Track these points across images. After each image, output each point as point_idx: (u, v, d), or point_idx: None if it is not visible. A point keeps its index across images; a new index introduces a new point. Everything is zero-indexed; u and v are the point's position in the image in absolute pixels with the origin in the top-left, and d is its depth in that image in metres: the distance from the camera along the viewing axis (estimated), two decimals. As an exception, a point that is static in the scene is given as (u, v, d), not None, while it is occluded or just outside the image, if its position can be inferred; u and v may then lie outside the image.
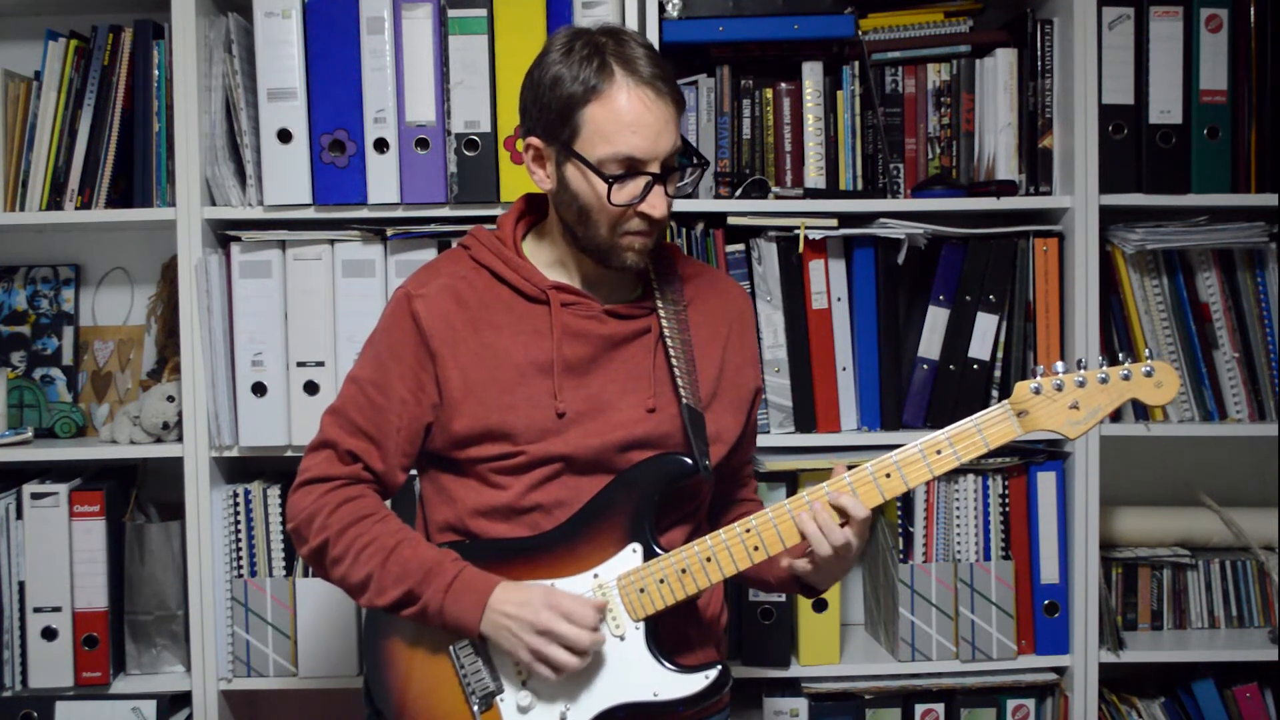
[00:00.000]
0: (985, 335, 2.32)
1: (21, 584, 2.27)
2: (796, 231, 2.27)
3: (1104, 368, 1.60)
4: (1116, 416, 2.34)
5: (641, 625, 1.61)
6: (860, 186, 2.35)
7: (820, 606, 2.31)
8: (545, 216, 1.74)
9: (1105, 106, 2.29)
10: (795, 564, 1.66)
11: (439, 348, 1.65)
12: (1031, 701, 2.35)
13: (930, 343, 2.33)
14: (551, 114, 1.60)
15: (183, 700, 2.31)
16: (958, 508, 2.31)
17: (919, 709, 2.34)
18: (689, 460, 1.63)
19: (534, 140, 1.65)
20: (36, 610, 2.26)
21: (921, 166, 2.36)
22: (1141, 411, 2.36)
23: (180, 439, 2.28)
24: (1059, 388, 1.59)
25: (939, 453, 1.60)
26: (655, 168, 1.58)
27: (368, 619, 1.72)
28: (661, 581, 1.60)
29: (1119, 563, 2.44)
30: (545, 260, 1.71)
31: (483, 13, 2.22)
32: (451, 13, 2.23)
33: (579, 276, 1.69)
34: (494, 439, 1.64)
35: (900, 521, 2.30)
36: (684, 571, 1.60)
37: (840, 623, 2.35)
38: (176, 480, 2.28)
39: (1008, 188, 2.31)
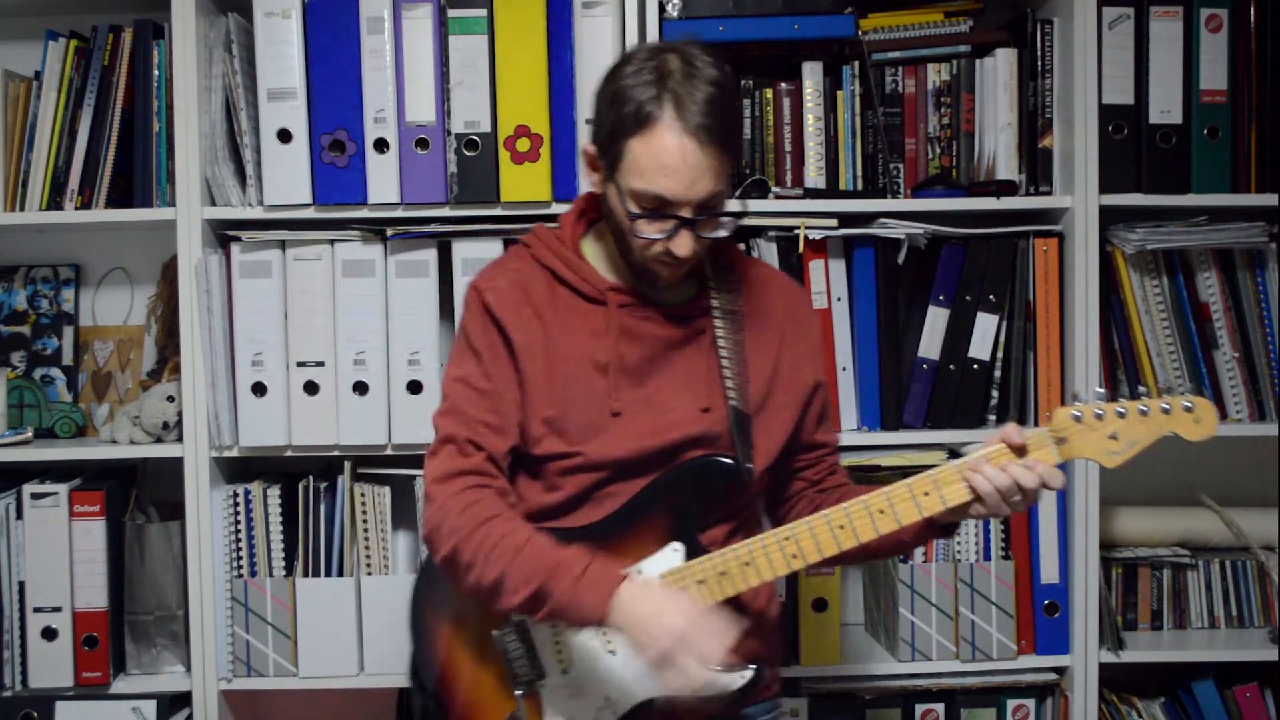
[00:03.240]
0: (985, 335, 2.32)
1: (21, 584, 2.27)
2: (796, 231, 2.27)
3: (1145, 400, 1.61)
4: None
5: None
6: (860, 186, 2.35)
7: (820, 606, 2.31)
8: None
9: (1105, 106, 2.29)
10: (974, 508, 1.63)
11: (512, 334, 1.68)
12: (1031, 701, 2.35)
13: (930, 343, 2.33)
14: (605, 132, 1.61)
15: (183, 700, 2.31)
16: (958, 508, 2.30)
17: (919, 709, 2.34)
18: (731, 462, 1.66)
19: (590, 149, 1.67)
20: (36, 610, 2.26)
21: (921, 166, 2.36)
22: (1141, 411, 2.36)
23: (180, 439, 2.28)
24: (1099, 417, 1.60)
25: (975, 472, 1.61)
26: (686, 212, 1.58)
27: (414, 601, 1.75)
28: (701, 582, 1.62)
29: (1119, 563, 2.44)
30: (604, 260, 1.73)
31: (483, 13, 2.22)
32: (451, 13, 2.23)
33: (634, 276, 1.71)
34: (554, 434, 1.67)
35: (900, 521, 2.30)
36: (723, 574, 1.63)
37: (840, 623, 2.35)
38: (176, 480, 2.28)
39: (1008, 188, 2.31)
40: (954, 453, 2.30)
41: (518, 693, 1.65)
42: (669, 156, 1.55)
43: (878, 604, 2.46)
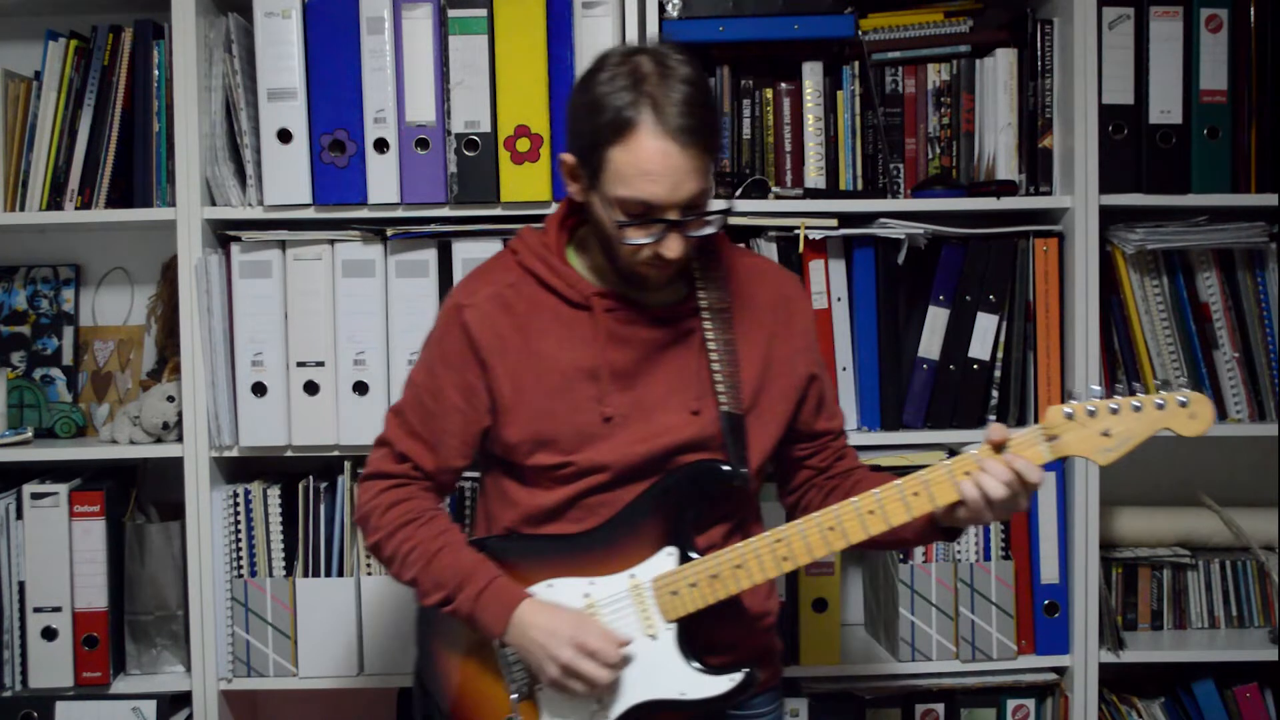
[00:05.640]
0: (985, 335, 2.32)
1: (21, 584, 2.27)
2: (796, 231, 2.27)
3: (1139, 395, 1.59)
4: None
5: (674, 626, 1.64)
6: (860, 186, 2.35)
7: (820, 606, 2.31)
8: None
9: (1105, 106, 2.29)
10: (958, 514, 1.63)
11: (488, 357, 1.68)
12: (1031, 701, 2.35)
13: (930, 343, 2.33)
14: (583, 141, 1.60)
15: (183, 700, 2.31)
16: (958, 508, 2.30)
17: (919, 709, 2.34)
18: (725, 467, 1.66)
19: (568, 158, 1.65)
20: (36, 610, 2.26)
21: (921, 166, 2.36)
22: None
23: (180, 439, 2.28)
24: (1092, 414, 1.59)
25: (968, 473, 1.60)
26: (673, 214, 1.57)
27: (420, 613, 1.77)
28: (693, 586, 1.63)
29: (1119, 563, 2.44)
30: (590, 263, 1.72)
31: (483, 13, 2.22)
32: (451, 13, 2.23)
33: (623, 281, 1.70)
34: (543, 447, 1.67)
35: (900, 521, 2.30)
36: (714, 577, 1.63)
37: (840, 623, 2.35)
38: (176, 480, 2.28)
39: (1008, 188, 2.31)
40: (954, 453, 2.29)
41: (513, 697, 1.67)
42: (651, 162, 1.54)
43: (878, 604, 2.46)
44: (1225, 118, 2.30)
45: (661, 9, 2.27)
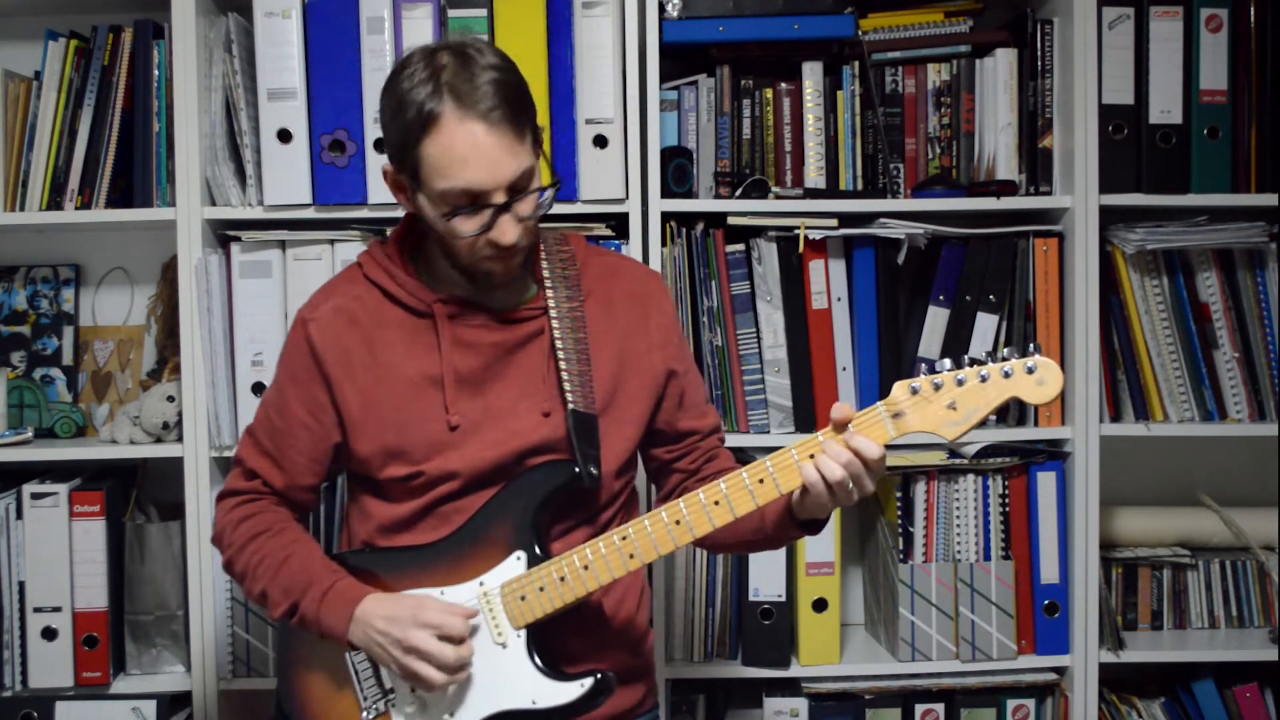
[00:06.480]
0: (985, 335, 2.32)
1: (21, 584, 2.27)
2: (796, 231, 2.27)
3: (987, 365, 1.53)
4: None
5: (523, 633, 1.62)
6: (860, 186, 2.35)
7: (820, 606, 2.31)
8: None
9: (1105, 106, 2.29)
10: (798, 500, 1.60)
11: (332, 371, 1.67)
12: (1031, 701, 2.35)
13: (930, 343, 2.33)
14: (396, 144, 1.59)
15: (183, 700, 2.31)
16: (958, 508, 2.31)
17: (919, 709, 2.34)
18: (570, 466, 1.64)
19: (388, 168, 1.64)
20: (36, 610, 2.26)
21: (921, 166, 2.36)
22: (1142, 411, 2.36)
23: (180, 439, 2.28)
24: (938, 387, 1.53)
25: (812, 456, 1.55)
26: (499, 197, 1.55)
27: (279, 637, 1.76)
28: (541, 589, 1.61)
29: (1119, 563, 2.44)
30: (438, 271, 1.69)
31: (483, 13, 2.22)
32: (451, 13, 2.23)
33: (469, 285, 1.68)
34: (395, 459, 1.66)
35: (900, 521, 2.30)
36: (562, 579, 1.60)
37: (840, 623, 2.35)
38: (176, 480, 2.28)
39: (1008, 188, 2.31)
40: (953, 452, 2.30)
41: (365, 714, 1.66)
42: (462, 147, 1.52)
43: (878, 604, 2.46)
44: (1225, 118, 2.31)
45: (661, 9, 2.27)
